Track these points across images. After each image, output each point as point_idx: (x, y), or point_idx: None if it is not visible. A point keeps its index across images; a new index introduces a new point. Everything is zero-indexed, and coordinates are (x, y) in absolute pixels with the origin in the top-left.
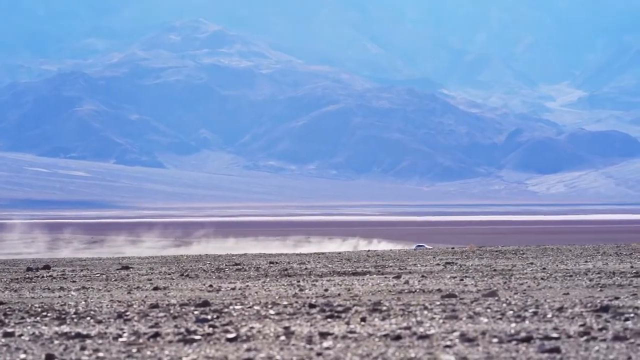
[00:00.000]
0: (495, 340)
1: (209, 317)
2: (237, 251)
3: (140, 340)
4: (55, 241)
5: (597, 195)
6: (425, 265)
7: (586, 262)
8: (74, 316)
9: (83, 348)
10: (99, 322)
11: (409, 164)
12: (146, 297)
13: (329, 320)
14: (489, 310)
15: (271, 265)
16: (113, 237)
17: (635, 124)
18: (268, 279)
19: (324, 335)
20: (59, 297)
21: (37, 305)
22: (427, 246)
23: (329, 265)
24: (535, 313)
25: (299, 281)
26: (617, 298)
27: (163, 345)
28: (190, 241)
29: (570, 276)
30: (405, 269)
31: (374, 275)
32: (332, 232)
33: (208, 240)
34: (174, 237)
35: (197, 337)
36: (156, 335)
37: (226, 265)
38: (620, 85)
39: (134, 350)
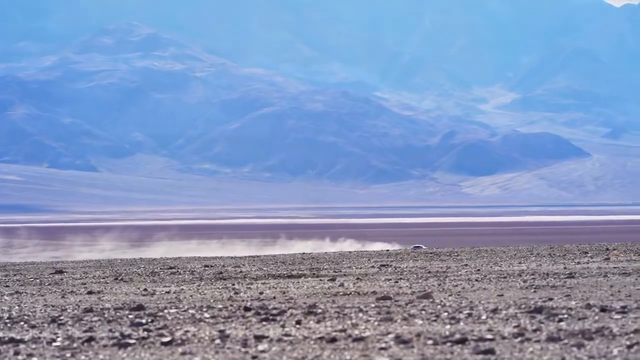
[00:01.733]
0: (430, 342)
1: (144, 321)
2: (197, 254)
3: (75, 345)
4: None
5: (530, 196)
6: (360, 268)
7: (520, 263)
8: (7, 321)
9: (17, 353)
10: (33, 326)
11: (343, 167)
12: (80, 301)
13: (264, 323)
14: (423, 312)
15: (206, 268)
16: (56, 241)
17: (567, 126)
18: (203, 283)
19: (259, 338)
20: None
21: None
22: (423, 246)
23: (264, 268)
24: (469, 315)
25: (233, 284)
26: (550, 299)
27: (97, 350)
28: (150, 243)
29: (505, 277)
30: (340, 271)
31: (309, 278)
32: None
33: (170, 243)
34: (128, 240)
35: (131, 341)
36: (90, 339)
37: (160, 268)
38: (553, 87)
39: (68, 354)
